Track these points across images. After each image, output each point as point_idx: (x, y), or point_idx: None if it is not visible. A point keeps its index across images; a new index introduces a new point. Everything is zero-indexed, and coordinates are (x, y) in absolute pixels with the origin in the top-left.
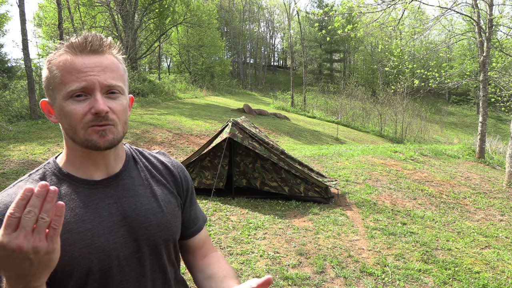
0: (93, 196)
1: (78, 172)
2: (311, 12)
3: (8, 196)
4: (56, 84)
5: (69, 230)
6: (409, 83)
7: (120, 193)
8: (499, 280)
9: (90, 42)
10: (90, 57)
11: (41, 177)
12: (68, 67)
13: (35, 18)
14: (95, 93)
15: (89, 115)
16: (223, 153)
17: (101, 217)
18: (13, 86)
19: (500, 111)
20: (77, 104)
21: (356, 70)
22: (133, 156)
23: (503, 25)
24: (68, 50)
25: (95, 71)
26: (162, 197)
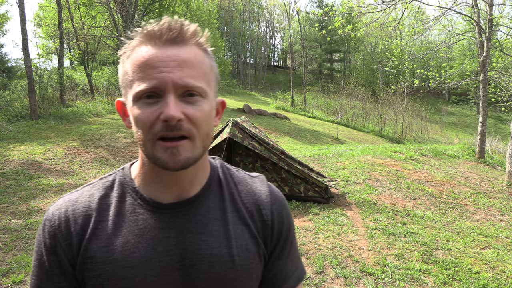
0: (152, 223)
1: (146, 189)
2: (311, 12)
3: (69, 202)
4: (127, 82)
5: (113, 261)
6: (409, 83)
7: (185, 225)
8: (499, 280)
9: (168, 29)
10: (167, 49)
11: (109, 184)
12: (139, 61)
13: (35, 18)
14: (167, 94)
15: (159, 123)
16: (223, 153)
17: (153, 253)
18: (13, 86)
19: (500, 111)
20: (145, 107)
21: (356, 70)
22: (220, 177)
23: (503, 25)
24: (142, 40)
25: (169, 67)
26: (239, 242)
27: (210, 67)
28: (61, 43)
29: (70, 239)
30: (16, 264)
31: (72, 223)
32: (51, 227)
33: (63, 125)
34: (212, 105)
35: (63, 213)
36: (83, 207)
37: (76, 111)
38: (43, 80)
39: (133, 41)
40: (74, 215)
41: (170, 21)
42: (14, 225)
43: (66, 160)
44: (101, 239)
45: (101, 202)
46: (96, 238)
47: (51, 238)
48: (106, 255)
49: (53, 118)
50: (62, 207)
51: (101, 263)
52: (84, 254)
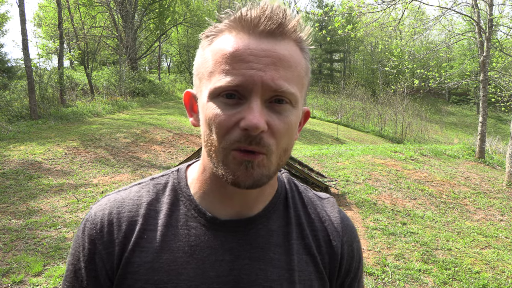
0: (206, 242)
1: (203, 200)
2: (311, 12)
3: (115, 203)
4: (205, 73)
5: (157, 281)
6: (409, 83)
7: (243, 249)
8: (499, 280)
9: (268, 18)
10: (262, 41)
11: (161, 187)
12: (225, 50)
13: (35, 18)
14: (252, 97)
15: (237, 130)
16: None
17: (203, 277)
18: (13, 86)
19: (500, 111)
20: (224, 108)
21: (356, 70)
22: (287, 196)
23: (503, 25)
24: (233, 25)
25: (261, 63)
26: (302, 277)
27: (306, 69)
28: (61, 43)
29: (111, 247)
30: (16, 264)
31: (115, 229)
32: (92, 229)
33: (63, 125)
34: (299, 116)
35: (106, 215)
36: (130, 211)
37: (76, 111)
38: (43, 80)
39: (220, 24)
40: (118, 219)
41: (272, 6)
42: (14, 225)
43: (66, 160)
44: (146, 252)
45: (150, 207)
46: (141, 250)
47: (90, 243)
48: (150, 272)
49: (53, 118)
50: (107, 208)
51: (143, 281)
52: (126, 267)
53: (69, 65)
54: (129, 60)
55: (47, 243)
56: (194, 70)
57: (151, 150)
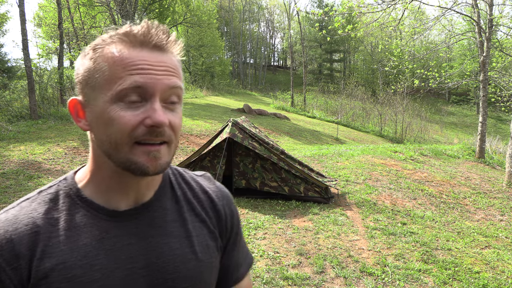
0: (111, 232)
1: (100, 198)
2: (311, 12)
3: (7, 222)
4: (101, 81)
5: (71, 278)
6: (409, 83)
7: (145, 230)
8: (499, 280)
9: (155, 35)
10: (153, 53)
11: (52, 197)
12: (122, 60)
13: (35, 18)
14: (154, 98)
15: (142, 127)
16: (223, 153)
17: (116, 263)
18: (13, 86)
19: (500, 111)
20: (127, 110)
21: (356, 70)
22: (171, 179)
23: (503, 25)
24: (124, 39)
25: (158, 71)
26: (199, 240)
27: (182, 75)
28: (61, 43)
29: (15, 262)
30: None
31: (16, 244)
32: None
33: (63, 125)
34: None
35: (2, 235)
36: (27, 225)
37: None
38: (43, 80)
39: (111, 38)
40: (17, 235)
41: (156, 25)
42: None
43: (66, 160)
44: (55, 257)
45: (47, 216)
46: (49, 257)
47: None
48: (63, 272)
49: (53, 118)
50: (0, 228)
51: (58, 282)
52: (37, 275)
53: (69, 65)
54: None
55: None
56: (80, 79)
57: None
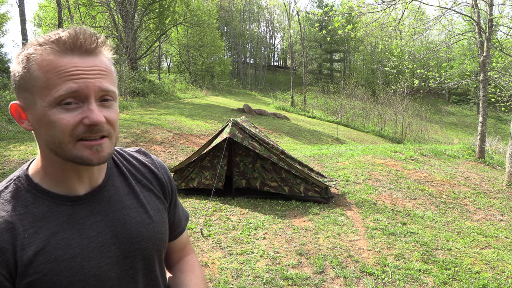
0: (77, 215)
1: (58, 187)
2: (311, 12)
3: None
4: (38, 88)
5: (55, 258)
6: (409, 83)
7: (106, 207)
8: (499, 280)
9: (83, 40)
10: (83, 58)
11: (13, 195)
12: (55, 68)
13: (35, 18)
14: (89, 100)
15: (81, 126)
16: (223, 153)
17: (89, 238)
18: None
19: (500, 111)
20: (66, 113)
21: (356, 70)
22: (115, 160)
23: (503, 25)
24: (55, 48)
25: (89, 75)
26: (151, 205)
27: (115, 73)
28: None
29: (1, 256)
30: None
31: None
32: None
33: None
34: (118, 105)
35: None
36: (0, 224)
37: None
38: None
39: (43, 46)
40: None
41: (83, 31)
42: None
43: None
44: (35, 245)
45: (15, 213)
46: (29, 245)
47: None
48: (47, 255)
49: None
50: None
51: (44, 263)
52: (22, 263)
53: None
54: (129, 60)
55: None
56: (18, 85)
57: (151, 150)
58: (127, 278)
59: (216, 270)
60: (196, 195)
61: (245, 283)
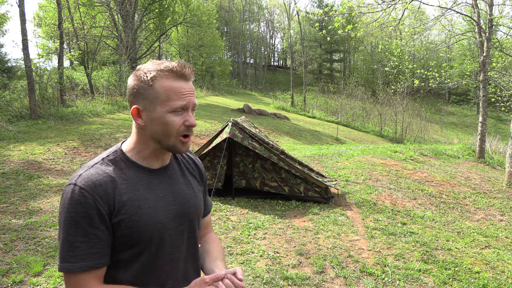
0: (152, 181)
1: (141, 161)
2: (311, 12)
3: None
4: (160, 100)
5: (138, 206)
6: (409, 83)
7: (169, 180)
8: (499, 280)
9: (187, 72)
10: (186, 83)
11: (113, 161)
12: (174, 89)
13: (35, 18)
14: (189, 110)
15: (183, 126)
16: (223, 153)
17: (159, 197)
18: (13, 86)
19: (500, 111)
20: (176, 117)
21: (356, 70)
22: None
23: (503, 25)
24: (171, 75)
25: (190, 94)
26: (195, 185)
27: None
28: (61, 43)
29: (106, 197)
30: (16, 264)
31: (105, 187)
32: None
33: (63, 125)
34: None
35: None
36: (105, 177)
37: (76, 111)
38: (43, 80)
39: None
40: (104, 181)
41: (186, 65)
42: (14, 225)
43: (66, 160)
44: (126, 194)
45: (115, 172)
46: (123, 194)
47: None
48: (134, 202)
49: (53, 118)
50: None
51: (132, 208)
52: (119, 205)
53: (69, 65)
54: (129, 60)
55: (47, 243)
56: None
57: None
58: (179, 231)
59: None
60: None
61: (245, 283)
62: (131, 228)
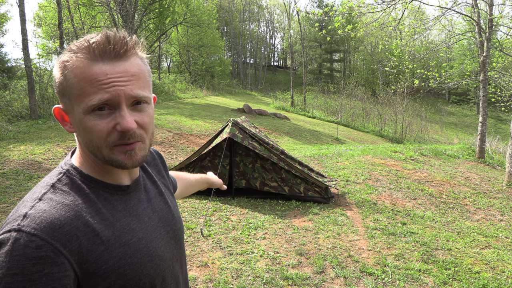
0: (129, 203)
1: (106, 178)
2: (311, 12)
3: (54, 212)
4: (74, 95)
5: (125, 242)
6: (409, 83)
7: (145, 196)
8: (499, 280)
9: (114, 45)
10: (114, 64)
11: (70, 186)
12: (88, 76)
13: (35, 18)
14: (121, 107)
15: (115, 133)
16: (223, 153)
17: (145, 223)
18: (13, 86)
19: (500, 111)
20: (99, 119)
21: (356, 70)
22: None
23: (503, 25)
24: (87, 55)
25: (120, 81)
26: (166, 188)
27: (149, 73)
28: (61, 43)
29: (74, 242)
30: None
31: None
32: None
33: None
34: (153, 107)
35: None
36: (66, 212)
37: None
38: (43, 80)
39: (76, 54)
40: (66, 220)
41: (114, 35)
42: None
43: None
44: (104, 231)
45: (79, 202)
46: (100, 231)
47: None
48: (118, 239)
49: (53, 118)
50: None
51: (117, 246)
52: (97, 248)
53: None
54: None
55: None
56: (59, 90)
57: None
58: (174, 259)
59: (216, 270)
60: (196, 195)
61: (245, 283)
62: (123, 277)
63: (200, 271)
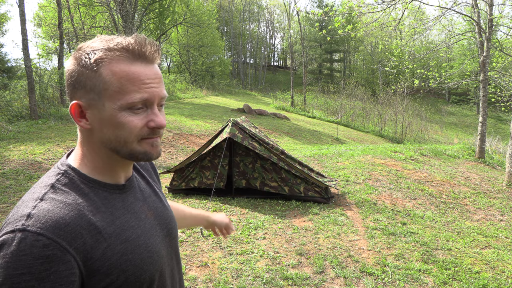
0: (127, 201)
1: (104, 178)
2: (311, 12)
3: (58, 211)
4: (110, 91)
5: (126, 239)
6: (409, 83)
7: (141, 194)
8: (499, 280)
9: (149, 51)
10: (148, 66)
11: (70, 186)
12: (129, 74)
13: (35, 18)
14: (154, 106)
15: (145, 128)
16: (223, 153)
17: (142, 220)
18: (13, 86)
19: (500, 111)
20: (133, 116)
21: (356, 70)
22: None
23: (503, 25)
24: (125, 55)
25: (155, 83)
26: (158, 188)
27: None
28: (61, 43)
29: (79, 240)
30: None
31: (73, 226)
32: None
33: (63, 125)
34: None
35: (57, 221)
36: (70, 211)
37: None
38: (43, 80)
39: (110, 53)
40: (70, 219)
41: (148, 40)
42: None
43: None
44: (105, 228)
45: (80, 201)
46: (102, 229)
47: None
48: (119, 237)
49: (53, 118)
50: (50, 218)
51: (119, 244)
52: (100, 246)
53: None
54: None
55: None
56: (82, 85)
57: None
58: (169, 256)
59: (216, 270)
60: (196, 195)
61: (245, 283)
62: (125, 273)
63: (200, 271)
